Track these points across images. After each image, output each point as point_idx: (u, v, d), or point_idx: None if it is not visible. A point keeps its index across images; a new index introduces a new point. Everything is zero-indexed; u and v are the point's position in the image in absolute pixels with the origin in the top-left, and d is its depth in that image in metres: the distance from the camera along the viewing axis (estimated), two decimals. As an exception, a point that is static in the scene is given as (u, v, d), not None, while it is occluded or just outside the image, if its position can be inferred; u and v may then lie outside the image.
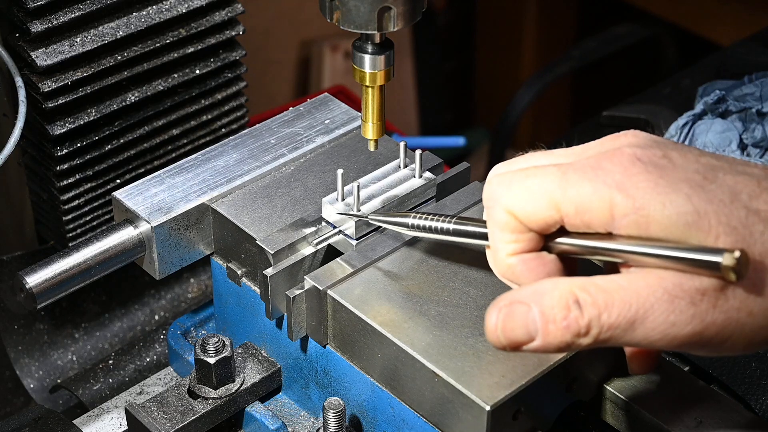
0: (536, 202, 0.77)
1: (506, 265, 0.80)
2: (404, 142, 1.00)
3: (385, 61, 0.90)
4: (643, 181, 0.74)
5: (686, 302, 0.73)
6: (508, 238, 0.79)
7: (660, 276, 0.74)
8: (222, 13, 1.17)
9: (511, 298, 0.77)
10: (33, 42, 1.07)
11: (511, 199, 0.78)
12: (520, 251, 0.80)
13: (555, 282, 0.76)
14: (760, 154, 1.22)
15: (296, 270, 0.94)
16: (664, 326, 0.73)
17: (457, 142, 1.83)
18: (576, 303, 0.74)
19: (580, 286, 0.75)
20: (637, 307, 0.73)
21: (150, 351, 1.14)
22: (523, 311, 0.76)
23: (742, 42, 1.51)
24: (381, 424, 0.92)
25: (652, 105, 1.41)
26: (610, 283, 0.75)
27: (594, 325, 0.74)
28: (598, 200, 0.75)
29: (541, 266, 0.80)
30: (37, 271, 0.95)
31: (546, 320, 0.75)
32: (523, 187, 0.78)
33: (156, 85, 1.15)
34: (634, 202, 0.74)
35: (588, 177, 0.75)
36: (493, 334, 0.77)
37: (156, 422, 0.94)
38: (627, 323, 0.73)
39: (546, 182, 0.77)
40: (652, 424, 0.88)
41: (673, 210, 0.73)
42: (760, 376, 1.04)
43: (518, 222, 0.78)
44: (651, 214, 0.73)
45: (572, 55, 2.28)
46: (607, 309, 0.74)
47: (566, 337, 0.74)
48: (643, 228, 0.74)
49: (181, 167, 1.02)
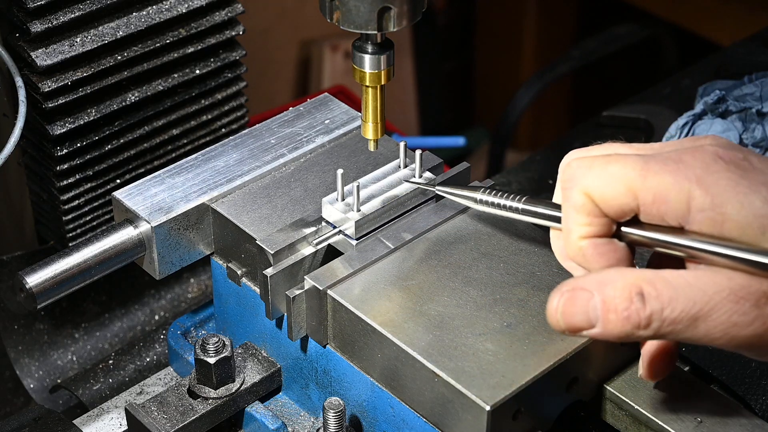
0: (615, 187, 0.77)
1: (578, 247, 0.80)
2: (404, 142, 1.00)
3: (385, 61, 0.90)
4: (724, 179, 0.74)
5: (751, 304, 0.73)
6: (583, 221, 0.79)
7: (728, 276, 0.74)
8: (222, 13, 1.17)
9: (574, 284, 0.77)
10: (33, 42, 1.07)
11: (590, 181, 0.78)
12: (592, 234, 0.79)
13: (621, 272, 0.76)
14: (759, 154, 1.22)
15: (296, 270, 0.94)
16: (726, 326, 0.74)
17: (457, 142, 1.83)
18: (639, 295, 0.74)
19: (646, 279, 0.75)
20: (701, 304, 0.74)
21: (150, 351, 1.14)
22: (585, 297, 0.76)
23: (742, 42, 1.51)
24: (381, 424, 0.92)
25: (652, 105, 1.41)
26: (678, 278, 0.75)
27: (655, 319, 0.74)
28: (677, 192, 0.75)
29: (611, 252, 0.80)
30: (37, 271, 0.95)
31: (607, 309, 0.75)
32: (604, 171, 0.78)
33: (156, 85, 1.15)
34: (713, 198, 0.74)
35: (669, 169, 0.76)
36: (554, 317, 0.78)
37: (156, 422, 0.94)
38: (690, 319, 0.74)
39: (627, 169, 0.77)
40: (652, 424, 0.88)
41: (751, 211, 0.73)
42: (760, 376, 1.04)
43: (595, 205, 0.78)
44: (728, 213, 0.74)
45: (572, 55, 2.28)
46: (671, 304, 0.74)
47: (626, 327, 0.75)
48: (718, 225, 0.74)
49: (181, 167, 1.02)
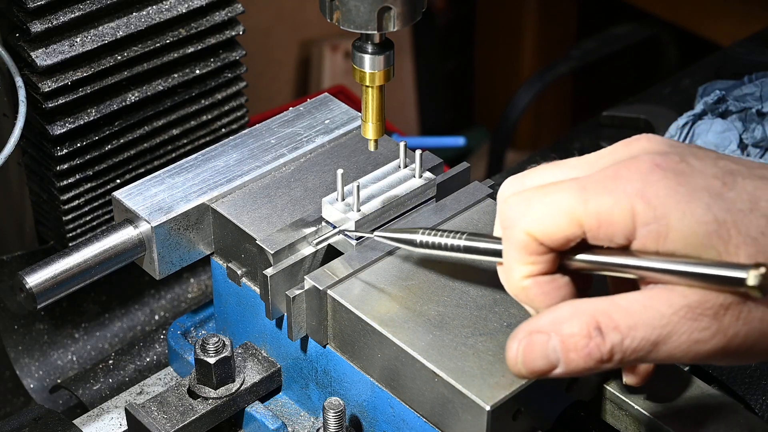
0: (557, 220, 0.75)
1: (520, 287, 0.78)
2: (404, 142, 1.00)
3: (385, 61, 0.90)
4: (663, 188, 0.72)
5: (710, 318, 0.72)
6: (525, 260, 0.77)
7: (683, 293, 0.72)
8: (222, 13, 1.17)
9: (530, 328, 0.75)
10: (33, 42, 1.07)
11: (531, 219, 0.76)
12: (536, 273, 0.77)
13: (574, 307, 0.74)
14: (760, 154, 1.22)
15: (296, 270, 0.94)
16: (688, 344, 0.72)
17: (457, 142, 1.84)
18: (597, 329, 0.73)
19: (602, 311, 0.73)
20: (660, 328, 0.72)
21: (150, 351, 1.14)
22: (543, 341, 0.74)
23: (742, 42, 1.51)
24: (381, 424, 0.92)
25: (652, 105, 1.41)
26: (634, 303, 0.73)
27: (617, 351, 0.73)
28: (620, 211, 0.73)
29: (555, 290, 0.78)
30: (37, 271, 0.95)
31: (567, 349, 0.74)
32: (542, 206, 0.75)
33: (156, 85, 1.15)
34: (655, 210, 0.72)
35: (608, 188, 0.74)
36: (514, 365, 0.76)
37: (156, 422, 0.94)
38: (651, 345, 0.72)
39: (565, 198, 0.75)
40: (652, 424, 0.88)
41: (693, 219, 0.72)
42: (760, 376, 1.04)
43: (538, 244, 0.76)
44: (671, 223, 0.72)
45: (572, 55, 2.28)
46: (630, 333, 0.72)
47: (589, 363, 0.73)
48: (662, 237, 0.72)
49: (181, 167, 1.02)
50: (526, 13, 2.70)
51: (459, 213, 0.98)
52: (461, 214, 0.98)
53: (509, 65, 2.79)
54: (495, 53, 2.82)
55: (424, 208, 0.99)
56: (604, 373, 0.90)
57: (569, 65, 2.26)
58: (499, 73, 2.82)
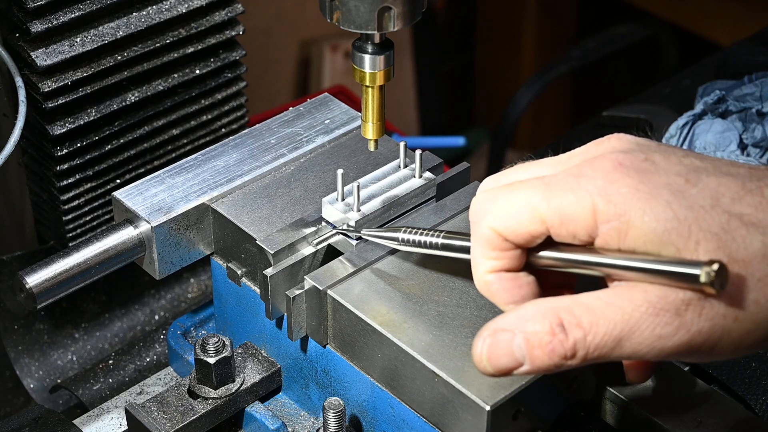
0: (520, 217, 0.77)
1: (484, 281, 0.80)
2: (404, 142, 1.00)
3: (385, 61, 0.90)
4: (624, 186, 0.73)
5: (671, 314, 0.72)
6: (489, 255, 0.79)
7: (644, 289, 0.73)
8: (222, 13, 1.17)
9: (494, 326, 0.76)
10: (33, 42, 1.07)
11: (495, 215, 0.78)
12: (499, 269, 0.79)
13: (538, 304, 0.75)
14: (760, 154, 1.22)
15: (296, 270, 0.94)
16: (650, 340, 0.73)
17: (457, 142, 1.83)
18: (560, 326, 0.74)
19: (564, 308, 0.74)
20: (622, 324, 0.73)
21: (150, 351, 1.14)
22: (507, 339, 0.75)
23: (742, 42, 1.51)
24: (381, 424, 0.92)
25: (652, 105, 1.41)
26: (596, 300, 0.74)
27: (580, 347, 0.74)
28: (581, 208, 0.74)
29: (516, 287, 0.79)
30: (37, 271, 0.95)
31: (531, 346, 0.74)
32: (507, 202, 0.77)
33: (156, 85, 1.15)
34: (615, 208, 0.73)
35: (570, 186, 0.75)
36: (480, 363, 0.77)
37: (156, 422, 0.94)
38: (613, 342, 0.73)
39: (529, 195, 0.77)
40: (652, 424, 0.88)
41: (653, 216, 0.72)
42: (760, 376, 1.04)
43: (502, 239, 0.78)
44: (631, 221, 0.73)
45: (572, 55, 2.28)
46: (592, 330, 0.73)
47: (554, 360, 0.74)
48: (623, 235, 0.73)
49: (181, 167, 1.02)
50: (526, 13, 2.71)
51: (459, 213, 0.98)
52: (461, 214, 0.98)
53: (509, 65, 2.79)
54: (495, 53, 2.82)
55: (424, 208, 0.99)
56: (604, 373, 0.90)
57: (569, 65, 2.26)
58: (499, 73, 2.82)
